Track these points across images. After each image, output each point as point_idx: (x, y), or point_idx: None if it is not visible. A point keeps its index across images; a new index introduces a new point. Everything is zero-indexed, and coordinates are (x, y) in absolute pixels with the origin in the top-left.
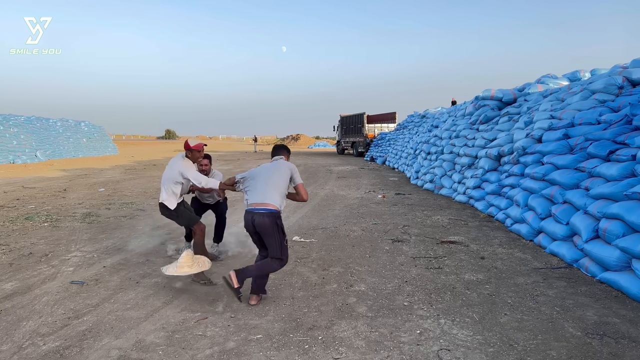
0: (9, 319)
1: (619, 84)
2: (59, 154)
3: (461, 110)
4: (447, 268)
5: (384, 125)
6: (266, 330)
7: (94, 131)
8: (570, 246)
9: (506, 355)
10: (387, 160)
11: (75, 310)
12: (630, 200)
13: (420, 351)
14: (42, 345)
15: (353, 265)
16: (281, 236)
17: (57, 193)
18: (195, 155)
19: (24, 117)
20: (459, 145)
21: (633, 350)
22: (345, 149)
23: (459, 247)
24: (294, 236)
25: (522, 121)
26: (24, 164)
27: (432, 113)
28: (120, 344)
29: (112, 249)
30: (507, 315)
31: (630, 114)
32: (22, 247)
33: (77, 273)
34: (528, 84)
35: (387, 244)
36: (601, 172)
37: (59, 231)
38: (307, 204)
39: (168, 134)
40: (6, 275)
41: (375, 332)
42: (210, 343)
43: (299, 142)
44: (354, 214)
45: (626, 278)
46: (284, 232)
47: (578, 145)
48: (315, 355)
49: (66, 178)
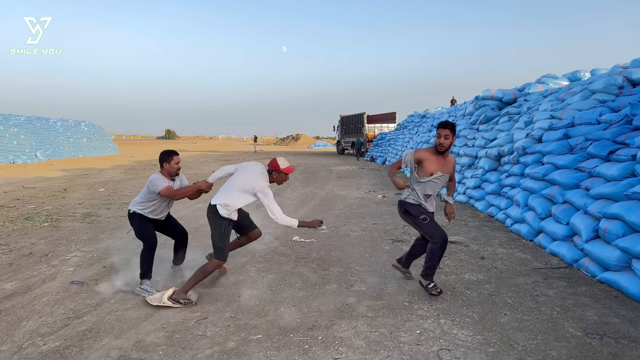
0: (9, 319)
1: (619, 84)
2: (59, 154)
3: (461, 110)
4: (447, 268)
5: (384, 125)
6: (266, 330)
7: (94, 131)
8: (570, 246)
9: (506, 355)
10: (387, 160)
11: (75, 310)
12: (630, 200)
13: (420, 351)
14: (42, 345)
15: (353, 265)
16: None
17: (57, 193)
18: (282, 177)
19: (24, 117)
20: (459, 145)
21: (633, 350)
22: (345, 149)
23: (459, 247)
24: (294, 236)
25: (522, 121)
26: (24, 164)
27: (432, 113)
28: (120, 344)
29: (112, 249)
30: (507, 315)
31: (630, 114)
32: (22, 247)
33: (77, 273)
34: (528, 84)
35: (387, 244)
36: (601, 172)
37: (59, 231)
38: (307, 204)
39: (168, 134)
40: (6, 275)
41: (375, 332)
42: (210, 343)
43: (299, 142)
44: (354, 214)
45: (626, 278)
46: (412, 214)
47: (578, 145)
48: (315, 355)
49: (66, 178)
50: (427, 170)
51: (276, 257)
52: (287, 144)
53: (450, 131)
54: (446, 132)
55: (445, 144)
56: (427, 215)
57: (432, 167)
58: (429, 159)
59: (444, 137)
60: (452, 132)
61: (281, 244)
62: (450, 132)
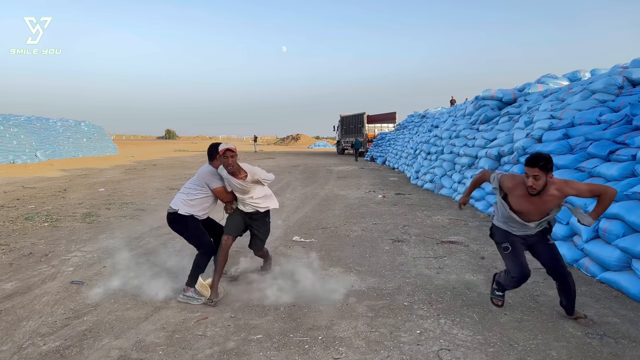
0: (9, 319)
1: (619, 84)
2: (59, 154)
3: (461, 110)
4: (447, 268)
5: (384, 125)
6: (266, 330)
7: (94, 131)
8: (570, 246)
9: (506, 355)
10: (387, 160)
11: (75, 310)
12: (630, 200)
13: (420, 351)
14: (42, 345)
15: (353, 265)
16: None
17: (57, 193)
18: (223, 161)
19: (24, 117)
20: (459, 145)
21: (633, 350)
22: (346, 149)
23: (459, 247)
24: (294, 236)
25: (522, 121)
26: (24, 164)
27: (432, 113)
28: (120, 344)
29: (112, 249)
30: (507, 315)
31: (630, 114)
32: (22, 247)
33: (77, 273)
34: (528, 84)
35: (387, 244)
36: (601, 172)
37: (59, 231)
38: (307, 204)
39: (168, 134)
40: (6, 275)
41: (375, 332)
42: (210, 343)
43: (299, 142)
44: (354, 214)
45: (626, 278)
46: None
47: (578, 145)
48: (315, 355)
49: (66, 178)
50: (514, 207)
51: (276, 257)
52: (287, 144)
53: (541, 169)
54: (534, 171)
55: (538, 187)
56: (511, 243)
57: (521, 205)
58: (518, 194)
59: (533, 179)
60: (543, 169)
61: (281, 243)
62: (540, 172)
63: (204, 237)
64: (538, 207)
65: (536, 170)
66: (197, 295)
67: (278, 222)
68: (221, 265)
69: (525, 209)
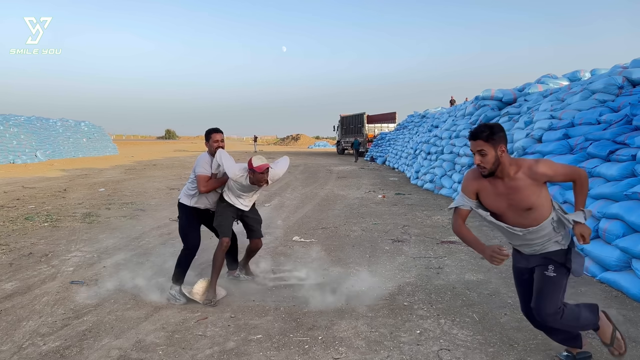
0: (9, 319)
1: (619, 84)
2: (59, 154)
3: (461, 110)
4: (447, 268)
5: (384, 125)
6: (266, 330)
7: (94, 131)
8: None
9: (506, 355)
10: (387, 160)
11: (75, 310)
12: (630, 200)
13: (420, 351)
14: (42, 345)
15: (353, 265)
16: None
17: (57, 193)
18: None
19: (24, 117)
20: (459, 145)
21: (633, 350)
22: (346, 149)
23: (459, 247)
24: (294, 236)
25: (522, 121)
26: (24, 164)
27: (432, 113)
28: (120, 344)
29: (112, 249)
30: (507, 315)
31: (630, 114)
32: (22, 247)
33: (77, 273)
34: (528, 84)
35: (387, 244)
36: (601, 172)
37: (59, 231)
38: (307, 204)
39: (168, 134)
40: (6, 275)
41: (375, 332)
42: (210, 343)
43: (299, 142)
44: (354, 214)
45: (626, 278)
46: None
47: (578, 145)
48: (315, 355)
49: (66, 178)
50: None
51: (276, 257)
52: (287, 144)
53: (485, 141)
54: (478, 145)
55: (487, 164)
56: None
57: (492, 203)
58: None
59: (479, 154)
60: (489, 141)
61: (281, 244)
62: (485, 144)
63: (191, 233)
64: (510, 201)
65: (479, 143)
66: (178, 296)
67: (278, 222)
68: (219, 266)
69: (496, 206)
